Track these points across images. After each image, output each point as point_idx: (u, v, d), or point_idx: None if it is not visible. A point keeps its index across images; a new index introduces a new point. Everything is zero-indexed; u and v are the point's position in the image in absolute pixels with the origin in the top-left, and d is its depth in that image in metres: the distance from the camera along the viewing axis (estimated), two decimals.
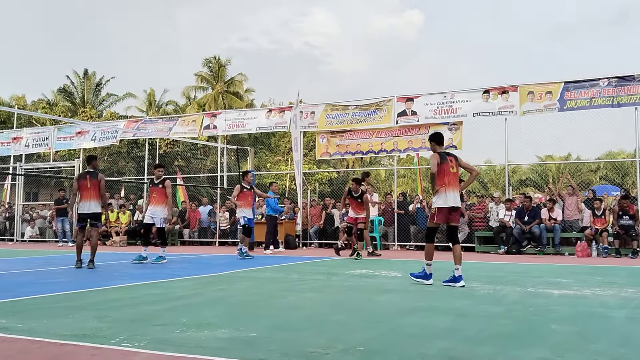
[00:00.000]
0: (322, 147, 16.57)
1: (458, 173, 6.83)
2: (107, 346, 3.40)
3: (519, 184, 32.81)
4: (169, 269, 9.09)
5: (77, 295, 5.81)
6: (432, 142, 6.98)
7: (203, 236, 17.86)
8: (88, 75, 39.45)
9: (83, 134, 19.93)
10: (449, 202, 6.56)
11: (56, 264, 9.97)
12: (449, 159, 6.71)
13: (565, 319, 4.39)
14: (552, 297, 5.67)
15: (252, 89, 41.81)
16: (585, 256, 12.06)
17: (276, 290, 6.22)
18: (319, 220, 16.15)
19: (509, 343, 3.56)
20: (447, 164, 6.64)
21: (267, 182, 30.69)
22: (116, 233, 17.60)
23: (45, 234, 20.36)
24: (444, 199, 6.59)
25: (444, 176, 6.62)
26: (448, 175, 6.61)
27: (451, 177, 6.64)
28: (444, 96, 14.80)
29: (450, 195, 6.58)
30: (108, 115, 35.27)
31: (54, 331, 3.82)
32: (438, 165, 6.61)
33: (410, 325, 4.18)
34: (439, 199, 6.62)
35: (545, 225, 13.07)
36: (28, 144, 20.91)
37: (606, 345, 3.50)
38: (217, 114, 18.61)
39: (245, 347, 3.39)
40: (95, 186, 9.36)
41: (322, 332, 3.84)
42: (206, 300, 5.49)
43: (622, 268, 9.40)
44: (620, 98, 12.97)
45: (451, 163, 6.67)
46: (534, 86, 13.87)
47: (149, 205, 10.77)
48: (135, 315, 4.50)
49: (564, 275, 7.90)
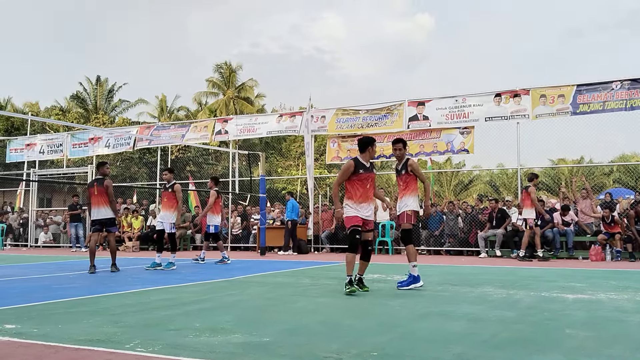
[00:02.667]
0: (332, 152, 16.58)
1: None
2: (121, 351, 3.42)
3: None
4: (181, 274, 9.13)
5: (91, 301, 5.85)
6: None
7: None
8: (100, 82, 39.78)
9: (96, 140, 20.09)
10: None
11: (70, 270, 10.04)
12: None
13: (580, 324, 4.36)
14: (567, 301, 5.63)
15: (262, 94, 42.02)
16: (599, 260, 11.95)
17: (288, 295, 6.23)
18: (330, 224, 16.14)
19: (523, 348, 3.53)
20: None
21: (278, 187, 30.85)
22: (129, 238, 17.69)
23: (59, 240, 20.51)
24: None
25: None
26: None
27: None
28: (455, 100, 14.77)
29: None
30: (120, 121, 35.52)
31: (69, 336, 3.85)
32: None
33: (423, 329, 4.16)
34: (415, 202, 6.89)
35: (558, 229, 12.98)
36: (43, 151, 21.11)
37: (622, 350, 3.47)
38: (228, 119, 18.71)
39: (259, 351, 3.40)
40: (102, 192, 9.47)
41: (335, 337, 3.84)
42: (219, 305, 5.50)
43: (637, 272, 9.31)
44: (633, 101, 12.87)
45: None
46: (546, 89, 13.80)
47: (161, 210, 10.85)
48: (149, 320, 4.52)
49: (578, 280, 7.84)
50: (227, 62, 40.24)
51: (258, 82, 40.68)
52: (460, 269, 10.03)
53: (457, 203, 15.74)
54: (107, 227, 9.65)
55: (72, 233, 18.00)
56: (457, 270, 9.63)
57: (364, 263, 6.69)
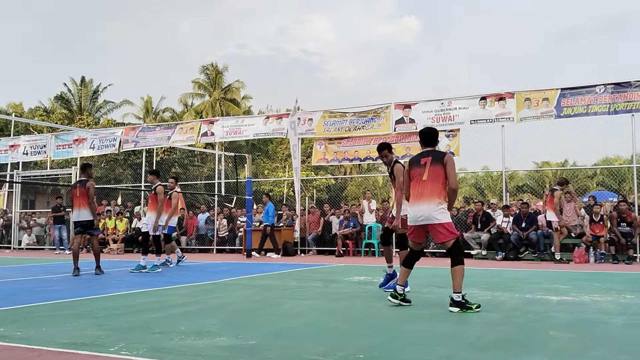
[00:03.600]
0: (319, 154, 16.59)
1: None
2: (105, 354, 3.39)
3: (516, 190, 32.90)
4: (167, 276, 9.07)
5: (75, 303, 5.79)
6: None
7: (201, 243, 17.83)
8: (85, 83, 39.46)
9: (81, 141, 19.92)
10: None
11: (54, 272, 9.94)
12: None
13: (564, 326, 4.39)
14: (551, 303, 5.67)
15: (249, 96, 41.94)
16: (582, 262, 12.07)
17: (275, 298, 6.21)
18: (317, 227, 16.14)
19: (508, 350, 3.56)
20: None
21: (264, 189, 30.79)
22: (113, 241, 17.56)
23: (43, 242, 20.30)
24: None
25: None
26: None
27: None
28: (441, 103, 14.85)
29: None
30: (105, 122, 35.26)
31: (52, 339, 3.81)
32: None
33: (410, 331, 4.18)
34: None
35: (542, 231, 13.09)
36: (26, 152, 20.89)
37: (605, 351, 3.50)
38: (214, 120, 18.65)
39: (245, 355, 3.39)
40: (83, 194, 9.40)
41: (321, 340, 3.84)
42: (204, 307, 5.47)
43: (620, 274, 9.41)
44: (616, 105, 13.02)
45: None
46: (531, 93, 13.92)
47: (147, 212, 10.75)
48: (133, 323, 4.49)
49: (562, 282, 7.90)
50: (214, 64, 40.13)
51: (244, 83, 40.58)
52: (446, 271, 10.02)
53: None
54: (88, 230, 9.58)
55: (56, 235, 17.82)
56: (443, 272, 9.64)
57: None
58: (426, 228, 5.33)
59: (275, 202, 27.56)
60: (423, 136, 5.57)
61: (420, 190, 5.30)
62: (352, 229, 15.07)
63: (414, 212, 5.36)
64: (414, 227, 5.38)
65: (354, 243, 15.15)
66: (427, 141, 5.50)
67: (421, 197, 5.28)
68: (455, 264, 5.20)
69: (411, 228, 5.42)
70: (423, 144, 5.56)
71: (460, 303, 5.00)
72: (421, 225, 5.31)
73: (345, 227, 15.13)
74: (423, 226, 5.32)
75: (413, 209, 5.36)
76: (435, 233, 5.27)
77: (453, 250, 5.26)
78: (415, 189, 5.35)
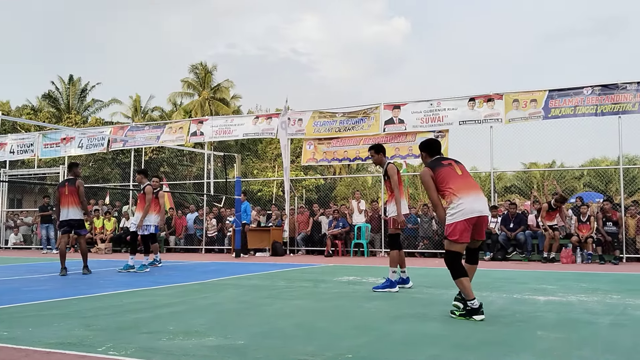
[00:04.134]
0: (308, 154, 16.59)
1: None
2: (93, 354, 3.37)
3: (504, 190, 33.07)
4: (155, 276, 9.04)
5: (63, 303, 5.75)
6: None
7: (189, 243, 17.77)
8: (73, 81, 39.19)
9: (69, 140, 19.78)
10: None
11: (41, 272, 9.87)
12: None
13: (552, 326, 4.43)
14: (538, 303, 5.71)
15: (239, 96, 41.89)
16: (570, 262, 12.16)
17: (263, 298, 6.20)
18: (306, 227, 16.14)
19: (496, 349, 3.58)
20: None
21: (254, 189, 30.74)
22: (101, 240, 17.46)
23: (30, 241, 20.14)
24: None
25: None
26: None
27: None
28: (430, 104, 14.91)
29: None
30: (93, 121, 35.02)
31: (39, 339, 3.79)
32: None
33: (398, 331, 4.19)
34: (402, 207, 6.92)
35: (530, 231, 13.18)
36: (13, 150, 20.71)
37: (592, 351, 3.53)
38: (203, 120, 18.60)
39: (233, 355, 3.38)
40: (73, 193, 9.32)
41: (310, 340, 3.84)
42: (193, 308, 5.46)
43: (607, 274, 9.49)
44: (604, 106, 13.13)
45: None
46: (519, 94, 14.01)
47: (135, 212, 10.69)
48: (121, 323, 4.47)
49: (550, 282, 7.96)
50: (203, 63, 40.03)
51: (234, 83, 40.53)
52: (434, 271, 10.12)
53: (432, 206, 15.83)
54: (76, 230, 9.49)
55: (43, 234, 17.69)
56: (431, 272, 9.71)
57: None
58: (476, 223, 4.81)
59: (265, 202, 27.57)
60: (433, 145, 5.33)
61: (467, 183, 4.92)
62: (341, 229, 15.09)
63: (475, 203, 4.78)
64: (467, 224, 4.75)
65: (343, 243, 15.17)
66: (438, 150, 5.30)
67: (474, 188, 4.91)
68: (477, 262, 5.16)
69: (464, 225, 4.73)
70: (435, 152, 5.26)
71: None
72: (477, 218, 4.78)
73: (335, 227, 15.15)
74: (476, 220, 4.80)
75: (471, 199, 4.78)
76: (481, 228, 4.88)
77: (479, 249, 5.19)
78: (458, 182, 4.88)
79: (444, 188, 4.90)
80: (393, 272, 6.81)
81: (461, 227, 4.72)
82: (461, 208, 4.74)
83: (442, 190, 4.92)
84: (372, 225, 15.35)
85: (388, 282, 6.78)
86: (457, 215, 4.74)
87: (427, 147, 5.33)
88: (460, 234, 4.72)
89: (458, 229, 4.71)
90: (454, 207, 4.77)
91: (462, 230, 4.72)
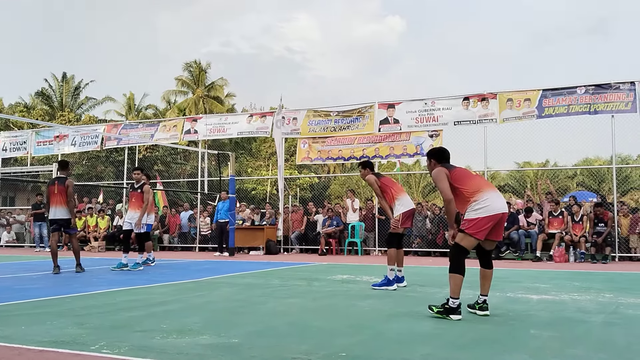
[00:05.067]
0: (303, 152, 16.58)
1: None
2: (86, 353, 3.36)
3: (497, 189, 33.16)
4: (149, 274, 9.02)
5: (56, 302, 5.73)
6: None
7: (183, 241, 17.74)
8: (67, 79, 39.01)
9: (62, 138, 19.69)
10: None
11: (33, 270, 9.83)
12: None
13: (544, 324, 4.45)
14: (531, 302, 5.74)
15: (233, 94, 41.82)
16: (563, 261, 12.21)
17: (257, 296, 6.20)
18: (300, 225, 16.14)
19: (489, 348, 3.60)
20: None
21: (248, 187, 30.70)
22: (95, 238, 17.40)
23: (22, 239, 20.06)
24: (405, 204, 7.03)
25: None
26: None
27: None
28: (424, 103, 14.92)
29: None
30: (87, 119, 34.87)
31: (32, 338, 3.77)
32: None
33: (392, 330, 4.20)
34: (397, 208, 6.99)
35: (523, 230, 13.24)
36: (5, 148, 20.60)
37: (584, 350, 3.55)
38: (198, 118, 18.55)
39: (227, 353, 3.38)
40: (62, 192, 9.24)
41: (304, 338, 3.84)
42: (187, 306, 5.45)
43: (599, 273, 9.54)
44: (597, 105, 13.19)
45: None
46: (513, 93, 14.05)
47: (128, 210, 10.54)
48: (115, 322, 4.46)
49: (543, 281, 7.99)
50: (197, 61, 39.91)
51: (228, 81, 40.43)
52: (428, 269, 10.14)
53: (425, 205, 15.88)
54: (65, 229, 9.45)
55: (36, 233, 17.62)
56: (425, 271, 9.73)
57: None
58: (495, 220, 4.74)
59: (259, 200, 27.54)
60: (445, 153, 5.23)
61: (486, 182, 4.98)
62: (335, 227, 15.10)
63: (498, 200, 4.77)
64: (489, 221, 4.70)
65: (337, 242, 15.19)
66: (447, 158, 5.20)
67: (493, 186, 4.95)
68: (492, 267, 5.07)
69: (487, 222, 4.70)
70: (444, 160, 5.17)
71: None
72: (501, 215, 4.75)
73: (329, 225, 15.16)
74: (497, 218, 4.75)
75: (495, 196, 4.78)
76: (500, 227, 4.84)
77: (492, 252, 5.13)
78: (477, 181, 4.90)
79: (460, 187, 4.85)
80: (391, 270, 6.86)
81: (483, 223, 4.68)
82: (488, 204, 4.69)
83: (458, 188, 4.86)
84: (366, 224, 15.37)
85: (386, 279, 6.84)
86: (482, 211, 4.68)
87: (436, 154, 5.28)
88: (479, 229, 4.69)
89: (480, 224, 4.67)
90: (479, 202, 4.71)
91: (483, 226, 4.68)
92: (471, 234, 4.71)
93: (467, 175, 4.97)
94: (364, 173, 7.50)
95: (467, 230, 4.73)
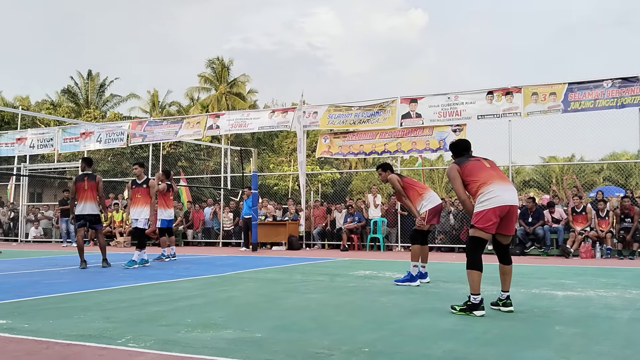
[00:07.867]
0: (323, 147, 16.56)
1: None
2: (113, 346, 3.42)
3: (522, 185, 32.78)
4: (173, 269, 9.11)
5: (83, 296, 5.83)
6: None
7: (207, 237, 17.89)
8: (92, 76, 39.56)
9: (88, 135, 19.97)
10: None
11: (61, 265, 10.00)
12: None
13: (570, 321, 4.40)
14: (557, 298, 5.68)
15: (255, 90, 41.96)
16: (589, 257, 12.04)
17: (280, 291, 6.24)
18: (322, 221, 16.16)
19: (513, 345, 3.57)
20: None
21: (270, 183, 30.83)
22: (120, 234, 17.64)
23: (50, 235, 20.41)
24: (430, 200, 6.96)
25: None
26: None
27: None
28: (447, 97, 14.79)
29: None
30: (112, 116, 35.35)
31: (60, 331, 3.85)
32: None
33: (414, 326, 4.19)
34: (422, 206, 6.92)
35: (549, 226, 13.07)
36: (33, 145, 20.96)
37: (610, 346, 3.50)
38: (220, 114, 18.66)
39: (251, 347, 3.41)
40: (92, 188, 9.34)
41: (326, 333, 3.85)
42: (211, 300, 5.50)
43: (626, 269, 9.39)
44: (624, 99, 12.95)
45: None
46: (538, 87, 13.85)
47: (132, 207, 10.04)
48: (140, 316, 4.52)
49: (568, 277, 7.89)
50: (219, 57, 40.12)
51: (250, 77, 40.59)
52: (452, 265, 10.09)
53: (448, 200, 15.76)
54: (92, 225, 9.53)
55: (63, 228, 17.91)
56: (449, 267, 9.68)
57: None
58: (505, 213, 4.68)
59: (281, 196, 27.64)
60: (459, 145, 5.25)
61: (497, 174, 4.86)
62: (357, 223, 15.08)
63: (506, 193, 4.69)
64: (496, 213, 4.63)
65: (359, 237, 15.18)
66: (464, 148, 5.22)
67: (504, 179, 4.86)
68: (510, 262, 4.95)
69: (493, 214, 4.63)
70: (462, 151, 5.21)
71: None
72: (509, 207, 4.67)
73: (351, 221, 15.15)
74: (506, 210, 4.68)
75: (502, 189, 4.70)
76: (511, 220, 4.77)
77: (509, 246, 5.01)
78: (486, 173, 4.82)
79: (470, 180, 4.81)
80: (414, 266, 6.84)
81: (490, 215, 4.60)
82: (492, 196, 4.63)
83: (469, 182, 4.83)
84: (389, 220, 15.32)
85: (409, 275, 6.84)
86: (486, 203, 4.63)
87: (452, 148, 5.35)
88: (487, 222, 4.61)
89: (486, 217, 4.61)
90: (485, 194, 4.66)
91: (490, 219, 4.61)
92: (480, 228, 4.67)
93: (478, 168, 4.89)
94: (385, 175, 7.29)
95: (476, 225, 4.70)
